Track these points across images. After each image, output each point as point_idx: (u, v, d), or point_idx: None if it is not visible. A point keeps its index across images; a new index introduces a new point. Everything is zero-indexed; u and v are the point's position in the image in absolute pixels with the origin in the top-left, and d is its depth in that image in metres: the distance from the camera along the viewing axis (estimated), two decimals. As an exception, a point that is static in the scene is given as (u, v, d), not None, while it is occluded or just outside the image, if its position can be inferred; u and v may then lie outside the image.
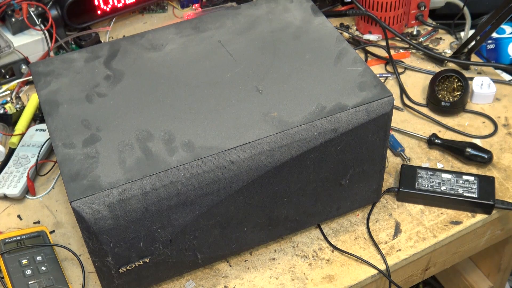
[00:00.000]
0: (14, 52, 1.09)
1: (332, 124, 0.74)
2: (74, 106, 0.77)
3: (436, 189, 0.89)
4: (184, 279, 0.83)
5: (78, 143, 0.73)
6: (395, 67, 1.11)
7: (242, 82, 0.79)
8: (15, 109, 1.06)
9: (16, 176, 0.95)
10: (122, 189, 0.68)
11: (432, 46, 1.17)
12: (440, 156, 0.97)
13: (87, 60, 0.84)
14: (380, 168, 0.84)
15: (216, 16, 0.89)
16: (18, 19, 1.09)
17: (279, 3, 0.90)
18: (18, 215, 0.92)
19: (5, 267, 0.81)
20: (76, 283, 0.83)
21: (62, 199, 0.94)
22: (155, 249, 0.74)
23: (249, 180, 0.73)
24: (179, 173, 0.69)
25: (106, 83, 0.80)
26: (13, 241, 0.84)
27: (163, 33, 0.87)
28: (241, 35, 0.86)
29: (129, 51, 0.84)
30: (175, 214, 0.71)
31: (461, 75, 1.02)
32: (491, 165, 0.95)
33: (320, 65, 0.80)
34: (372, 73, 0.79)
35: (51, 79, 0.81)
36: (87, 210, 0.67)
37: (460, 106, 1.03)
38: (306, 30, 0.86)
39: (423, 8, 1.17)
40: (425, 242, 0.86)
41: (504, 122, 1.02)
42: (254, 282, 0.83)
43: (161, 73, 0.81)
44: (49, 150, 1.00)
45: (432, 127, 1.02)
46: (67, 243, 0.88)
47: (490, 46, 1.17)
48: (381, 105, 0.76)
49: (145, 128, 0.74)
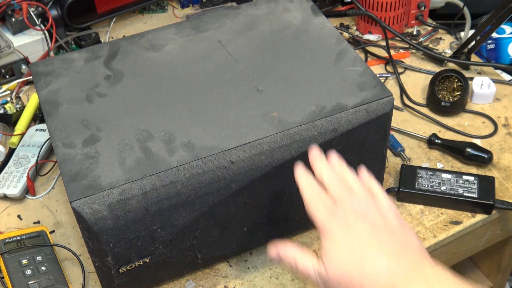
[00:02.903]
0: (14, 52, 1.09)
1: (332, 124, 0.74)
2: (74, 106, 0.77)
3: (436, 189, 0.89)
4: (184, 279, 0.83)
5: (78, 143, 0.72)
6: (395, 67, 1.11)
7: (242, 82, 0.79)
8: (15, 109, 1.06)
9: (16, 176, 0.95)
10: (122, 189, 0.68)
11: (432, 46, 1.17)
12: (440, 156, 0.97)
13: (87, 60, 0.84)
14: (380, 168, 0.84)
15: (216, 16, 0.89)
16: (18, 19, 1.09)
17: (279, 3, 0.90)
18: (18, 215, 0.92)
19: (5, 267, 0.81)
20: (76, 283, 0.83)
21: (62, 199, 0.94)
22: (155, 249, 0.74)
23: (249, 180, 0.73)
24: (179, 173, 0.69)
25: (106, 83, 0.80)
26: (13, 241, 0.84)
27: (163, 33, 0.87)
28: (241, 35, 0.86)
29: (129, 51, 0.84)
30: (175, 214, 0.71)
31: (461, 75, 1.02)
32: (491, 165, 0.95)
33: (320, 65, 0.80)
34: (372, 73, 0.79)
35: (51, 79, 0.81)
36: (87, 210, 0.67)
37: (460, 106, 1.03)
38: (306, 30, 0.86)
39: (423, 8, 1.17)
40: (425, 242, 0.86)
41: (504, 122, 1.02)
42: (254, 282, 0.83)
43: (161, 73, 0.81)
44: (49, 150, 1.00)
45: (432, 127, 1.02)
46: (67, 243, 0.88)
47: (490, 46, 1.17)
48: (381, 105, 0.76)
49: (145, 128, 0.74)
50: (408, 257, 0.58)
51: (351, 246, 0.59)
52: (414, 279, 0.56)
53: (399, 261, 0.57)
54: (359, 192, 0.64)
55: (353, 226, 0.60)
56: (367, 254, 0.58)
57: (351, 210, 0.61)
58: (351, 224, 0.60)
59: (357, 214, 0.61)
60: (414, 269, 0.57)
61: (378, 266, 0.57)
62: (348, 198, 0.63)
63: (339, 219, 0.61)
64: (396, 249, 0.58)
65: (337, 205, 0.62)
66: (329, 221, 0.61)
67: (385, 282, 0.56)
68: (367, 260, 0.57)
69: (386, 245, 0.58)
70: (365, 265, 0.57)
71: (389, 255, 0.58)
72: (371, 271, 0.57)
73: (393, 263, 0.57)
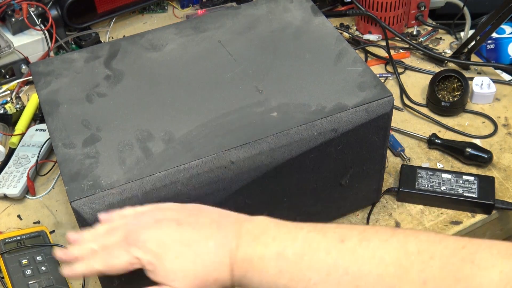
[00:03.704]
0: (14, 52, 1.09)
1: (332, 124, 0.74)
2: (74, 106, 0.77)
3: (436, 189, 0.89)
4: (184, 279, 0.83)
5: (78, 143, 0.72)
6: (395, 67, 1.11)
7: (242, 82, 0.79)
8: (15, 109, 1.06)
9: (16, 176, 0.95)
10: (122, 189, 0.68)
11: (432, 46, 1.17)
12: (440, 156, 0.97)
13: (87, 60, 0.84)
14: (380, 168, 0.84)
15: (216, 16, 0.89)
16: (18, 19, 1.09)
17: (279, 3, 0.90)
18: (18, 215, 0.92)
19: (5, 267, 0.81)
20: (76, 283, 0.83)
21: (62, 199, 0.94)
22: (155, 249, 0.74)
23: (249, 180, 0.73)
24: (179, 173, 0.69)
25: (106, 83, 0.80)
26: (13, 241, 0.84)
27: (163, 33, 0.87)
28: (241, 35, 0.86)
29: (129, 51, 0.84)
30: (175, 214, 0.71)
31: (461, 75, 1.02)
32: (491, 165, 0.95)
33: (320, 65, 0.80)
34: (372, 73, 0.79)
35: (51, 79, 0.81)
36: (87, 210, 0.67)
37: (460, 106, 1.03)
38: (306, 30, 0.86)
39: (423, 8, 1.17)
40: (425, 242, 0.86)
41: (504, 122, 1.02)
42: (254, 282, 0.83)
43: (161, 73, 0.81)
44: (49, 150, 1.00)
45: (432, 127, 1.02)
46: (67, 243, 0.87)
47: (490, 46, 1.17)
48: (381, 105, 0.76)
49: (145, 128, 0.74)
50: (225, 227, 0.58)
51: (179, 252, 0.57)
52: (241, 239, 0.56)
53: (221, 235, 0.58)
54: (128, 216, 0.63)
55: (158, 239, 0.58)
56: (194, 246, 0.57)
57: (140, 227, 0.60)
58: (156, 238, 0.59)
59: (147, 227, 0.60)
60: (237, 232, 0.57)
61: (207, 248, 0.57)
62: (125, 226, 0.61)
63: (141, 248, 0.59)
64: (207, 227, 0.59)
65: (126, 238, 0.60)
66: (138, 255, 0.59)
67: (216, 256, 0.57)
68: (197, 251, 0.57)
69: (198, 229, 0.58)
70: (196, 259, 0.57)
71: (207, 236, 0.58)
72: (203, 257, 0.56)
73: (216, 240, 0.57)
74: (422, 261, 0.49)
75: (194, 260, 0.57)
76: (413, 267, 0.49)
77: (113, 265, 0.60)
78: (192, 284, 0.57)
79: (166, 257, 0.57)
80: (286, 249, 0.54)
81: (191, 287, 0.57)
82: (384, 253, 0.50)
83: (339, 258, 0.52)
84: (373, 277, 0.50)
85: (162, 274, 0.58)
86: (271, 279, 0.55)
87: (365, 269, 0.50)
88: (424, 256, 0.49)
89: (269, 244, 0.56)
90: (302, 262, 0.53)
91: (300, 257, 0.53)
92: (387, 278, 0.49)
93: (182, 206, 0.63)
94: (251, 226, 0.58)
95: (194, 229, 0.59)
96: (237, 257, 0.56)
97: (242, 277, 0.56)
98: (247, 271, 0.56)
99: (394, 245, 0.51)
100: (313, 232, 0.55)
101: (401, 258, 0.49)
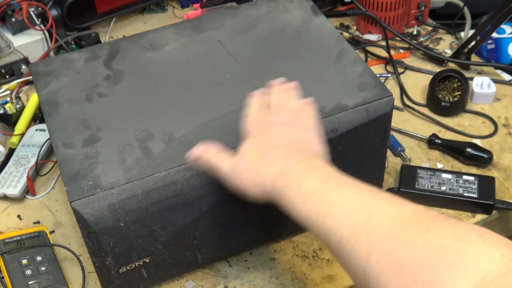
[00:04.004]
0: (14, 52, 1.09)
1: (332, 124, 0.74)
2: (74, 106, 0.77)
3: (436, 189, 0.89)
4: (184, 279, 0.83)
5: (78, 143, 0.72)
6: (395, 67, 1.11)
7: (242, 82, 0.79)
8: (15, 109, 1.06)
9: (16, 176, 0.95)
10: (122, 189, 0.68)
11: (432, 46, 1.17)
12: (440, 156, 0.97)
13: (87, 60, 0.84)
14: (380, 168, 0.84)
15: (216, 16, 0.89)
16: (18, 19, 1.09)
17: (279, 3, 0.90)
18: (18, 215, 0.92)
19: (5, 267, 0.81)
20: (76, 283, 0.83)
21: (62, 199, 0.94)
22: (155, 249, 0.74)
23: (249, 180, 0.73)
24: (179, 173, 0.69)
25: (106, 83, 0.80)
26: (13, 241, 0.84)
27: (163, 33, 0.87)
28: (241, 35, 0.86)
29: (129, 51, 0.84)
30: (175, 214, 0.71)
31: (461, 75, 1.02)
32: (491, 165, 0.95)
33: (320, 65, 0.80)
34: (372, 73, 0.79)
35: (51, 79, 0.81)
36: (87, 210, 0.67)
37: (460, 106, 1.03)
38: (306, 30, 0.86)
39: (423, 8, 1.17)
40: (425, 242, 0.86)
41: (504, 122, 1.02)
42: (254, 282, 0.83)
43: (161, 73, 0.81)
44: (49, 150, 1.00)
45: (432, 127, 1.02)
46: (67, 243, 0.87)
47: (490, 46, 1.17)
48: (381, 105, 0.76)
49: (145, 128, 0.74)
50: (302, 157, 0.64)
51: (261, 147, 0.65)
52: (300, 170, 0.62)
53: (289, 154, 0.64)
54: (292, 111, 0.70)
55: (269, 132, 0.67)
56: (269, 157, 0.64)
57: (276, 121, 0.68)
58: (269, 131, 0.67)
59: (278, 125, 0.67)
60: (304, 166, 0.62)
61: (272, 170, 0.63)
62: (279, 113, 0.69)
63: (261, 126, 0.68)
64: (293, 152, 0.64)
65: (267, 117, 0.69)
66: (252, 127, 0.68)
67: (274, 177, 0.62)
68: (267, 162, 0.64)
69: (288, 154, 0.64)
70: (264, 168, 0.63)
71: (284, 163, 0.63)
72: (266, 172, 0.63)
73: (282, 160, 0.63)
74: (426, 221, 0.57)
75: (264, 158, 0.65)
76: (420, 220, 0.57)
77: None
78: (252, 167, 0.65)
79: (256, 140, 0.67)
80: (329, 181, 0.60)
81: (250, 168, 0.65)
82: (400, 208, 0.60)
83: (365, 197, 0.58)
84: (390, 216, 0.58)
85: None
86: (304, 196, 0.60)
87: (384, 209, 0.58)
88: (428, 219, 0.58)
89: (318, 173, 0.61)
90: (335, 190, 0.58)
91: (335, 188, 0.59)
92: (399, 219, 0.58)
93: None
94: (313, 163, 0.63)
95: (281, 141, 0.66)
96: (288, 172, 0.62)
97: (282, 188, 0.62)
98: (289, 183, 0.61)
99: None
100: (356, 186, 0.60)
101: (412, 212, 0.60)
